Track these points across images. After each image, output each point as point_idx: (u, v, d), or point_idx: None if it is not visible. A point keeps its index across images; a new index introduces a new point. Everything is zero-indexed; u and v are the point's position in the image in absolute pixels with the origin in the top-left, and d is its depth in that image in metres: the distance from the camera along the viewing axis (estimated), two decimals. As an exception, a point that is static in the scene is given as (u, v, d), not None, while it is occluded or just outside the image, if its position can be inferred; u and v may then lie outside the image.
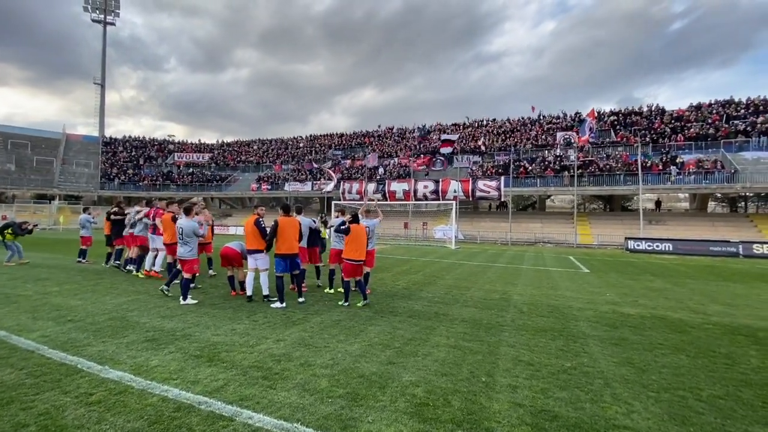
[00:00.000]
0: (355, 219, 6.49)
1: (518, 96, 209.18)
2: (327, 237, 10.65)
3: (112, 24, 56.84)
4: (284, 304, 6.06)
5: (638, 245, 21.05)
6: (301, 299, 6.48)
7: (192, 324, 5.06)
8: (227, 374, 3.47)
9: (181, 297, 6.25)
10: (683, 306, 7.04)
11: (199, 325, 5.00)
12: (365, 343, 4.46)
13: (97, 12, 54.98)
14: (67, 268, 9.77)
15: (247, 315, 5.58)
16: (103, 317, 5.27)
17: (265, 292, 6.46)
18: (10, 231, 10.39)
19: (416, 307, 6.33)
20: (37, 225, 13.66)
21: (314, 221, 7.94)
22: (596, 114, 29.40)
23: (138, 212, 9.08)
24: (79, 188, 42.86)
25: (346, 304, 6.28)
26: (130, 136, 53.39)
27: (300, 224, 6.57)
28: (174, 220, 7.27)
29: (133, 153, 49.34)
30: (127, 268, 9.30)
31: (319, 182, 35.49)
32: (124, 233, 9.63)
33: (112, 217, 10.01)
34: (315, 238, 7.69)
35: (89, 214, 11.68)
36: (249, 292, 6.47)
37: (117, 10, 56.33)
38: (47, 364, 3.64)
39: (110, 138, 52.41)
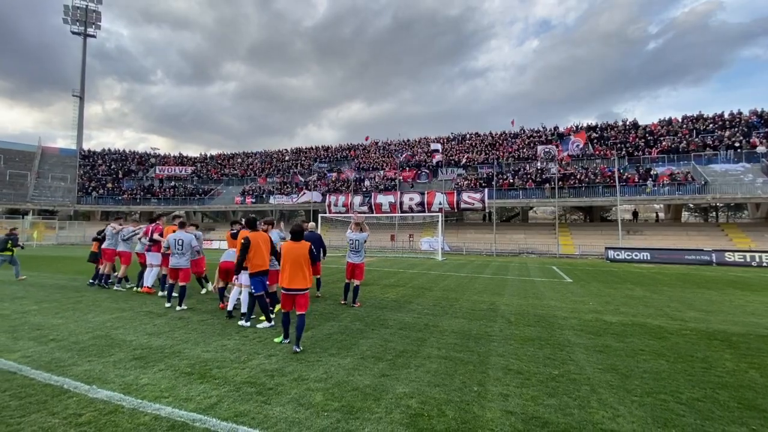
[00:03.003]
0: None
1: (502, 110, 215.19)
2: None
3: (93, 36, 56.11)
4: (272, 323, 5.76)
5: (618, 255, 21.68)
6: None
7: (180, 341, 4.98)
8: (220, 391, 3.45)
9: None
10: (662, 313, 7.31)
11: (188, 342, 4.93)
12: (358, 356, 4.48)
13: (78, 24, 54.24)
14: (45, 286, 9.44)
15: (237, 330, 5.53)
16: (87, 336, 5.14)
17: (244, 309, 6.08)
18: (11, 244, 10.54)
19: (406, 319, 6.39)
20: None
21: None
22: (585, 136, 30.54)
23: (133, 231, 9.23)
24: (54, 202, 41.47)
25: (287, 341, 4.96)
26: (109, 149, 52.26)
27: (270, 239, 6.10)
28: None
29: (113, 166, 48.18)
30: (117, 286, 9.18)
31: (296, 197, 35.52)
32: (104, 246, 9.46)
33: (98, 236, 10.02)
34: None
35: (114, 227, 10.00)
36: (230, 307, 6.32)
37: (98, 23, 55.70)
38: (31, 385, 3.54)
39: (89, 151, 51.11)
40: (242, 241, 5.62)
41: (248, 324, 5.80)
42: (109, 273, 9.43)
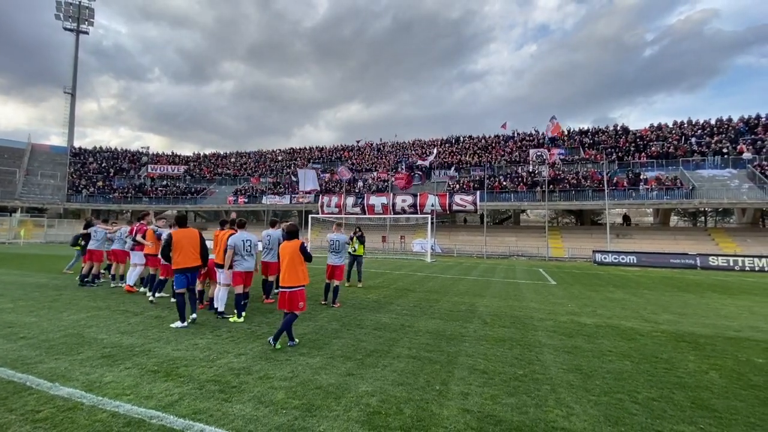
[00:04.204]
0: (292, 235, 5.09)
1: (499, 114, 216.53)
2: (363, 254, 10.78)
3: (86, 33, 55.66)
4: (186, 324, 5.71)
5: (605, 258, 21.92)
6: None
7: (153, 339, 4.98)
8: (183, 389, 3.47)
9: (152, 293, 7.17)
10: (637, 315, 7.42)
11: (159, 341, 4.93)
12: (327, 355, 4.51)
13: (70, 20, 53.81)
14: (24, 284, 9.35)
15: (211, 330, 5.54)
16: (58, 334, 5.12)
17: (221, 308, 6.35)
18: (81, 240, 10.97)
19: (383, 320, 6.43)
20: None
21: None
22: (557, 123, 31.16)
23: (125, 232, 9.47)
24: (43, 200, 41.02)
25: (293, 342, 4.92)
26: (101, 147, 51.81)
27: (200, 236, 6.08)
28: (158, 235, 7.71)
29: (104, 164, 47.77)
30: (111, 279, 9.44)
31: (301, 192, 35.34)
32: (91, 247, 9.45)
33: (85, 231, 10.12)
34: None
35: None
36: (222, 308, 6.35)
37: (91, 19, 55.30)
38: (-7, 382, 3.53)
39: (79, 149, 50.65)
40: (165, 237, 5.95)
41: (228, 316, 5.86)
42: (87, 273, 9.36)
